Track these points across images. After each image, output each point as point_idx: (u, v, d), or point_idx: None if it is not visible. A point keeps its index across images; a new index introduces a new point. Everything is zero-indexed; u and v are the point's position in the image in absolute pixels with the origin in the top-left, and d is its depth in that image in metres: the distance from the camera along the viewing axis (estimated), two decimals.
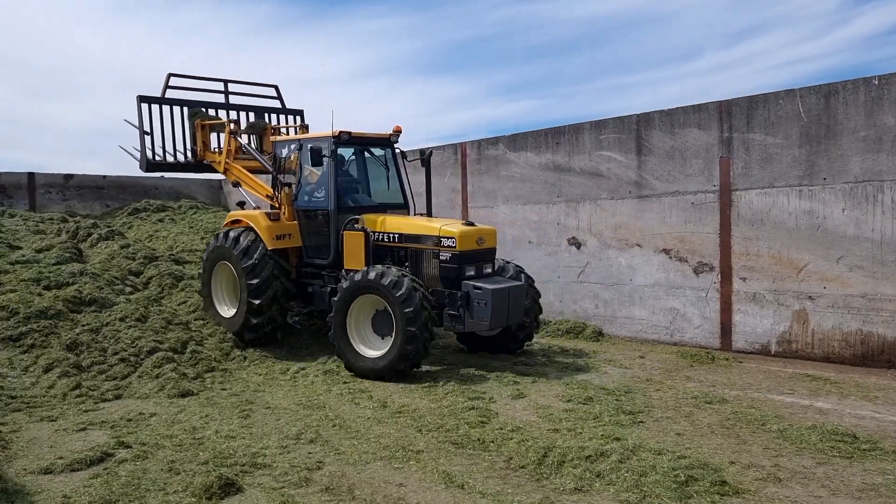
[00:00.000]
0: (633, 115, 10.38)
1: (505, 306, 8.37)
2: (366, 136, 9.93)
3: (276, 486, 4.70)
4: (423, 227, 8.95)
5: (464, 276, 8.54)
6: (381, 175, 10.46)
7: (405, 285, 7.98)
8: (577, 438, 5.59)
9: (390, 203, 10.21)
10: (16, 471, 4.97)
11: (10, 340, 8.34)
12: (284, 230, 9.83)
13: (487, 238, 8.92)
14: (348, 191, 10.09)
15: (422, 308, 7.93)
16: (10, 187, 17.15)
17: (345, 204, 9.68)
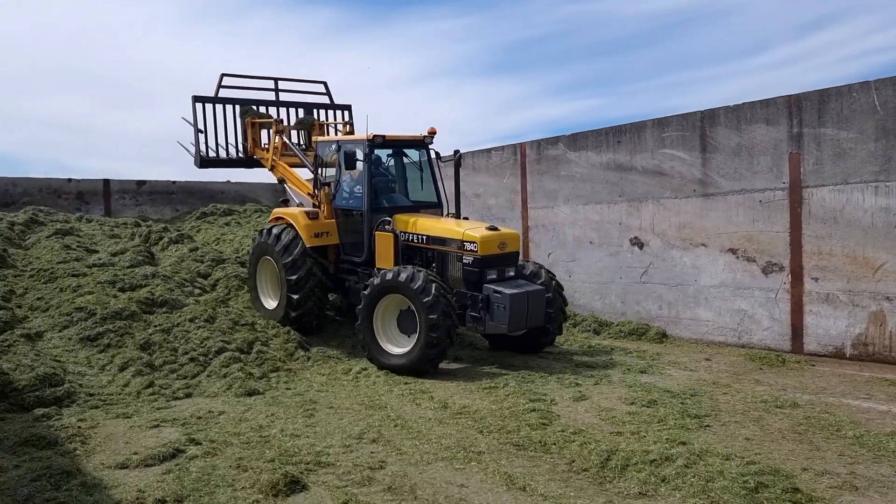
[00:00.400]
0: (698, 111, 10.13)
1: (524, 310, 8.56)
2: (400, 138, 10.25)
3: (339, 485, 4.77)
4: (448, 231, 9.24)
5: (485, 279, 8.78)
6: (415, 176, 10.80)
7: (432, 291, 8.24)
8: (641, 442, 5.49)
9: (424, 203, 10.57)
10: (94, 465, 5.19)
11: (88, 340, 8.72)
12: (322, 228, 10.28)
13: (510, 242, 9.12)
14: (382, 191, 10.39)
15: (445, 315, 8.22)
16: (87, 194, 17.95)
17: (378, 204, 10.04)
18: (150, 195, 18.58)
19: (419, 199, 10.65)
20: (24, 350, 8.15)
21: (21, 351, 8.11)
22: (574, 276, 12.07)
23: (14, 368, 7.36)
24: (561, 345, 10.15)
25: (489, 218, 13.84)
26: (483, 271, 8.81)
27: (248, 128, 13.19)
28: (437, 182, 10.61)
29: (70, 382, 7.36)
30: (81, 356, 8.38)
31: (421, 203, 10.56)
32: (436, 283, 8.38)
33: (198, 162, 13.23)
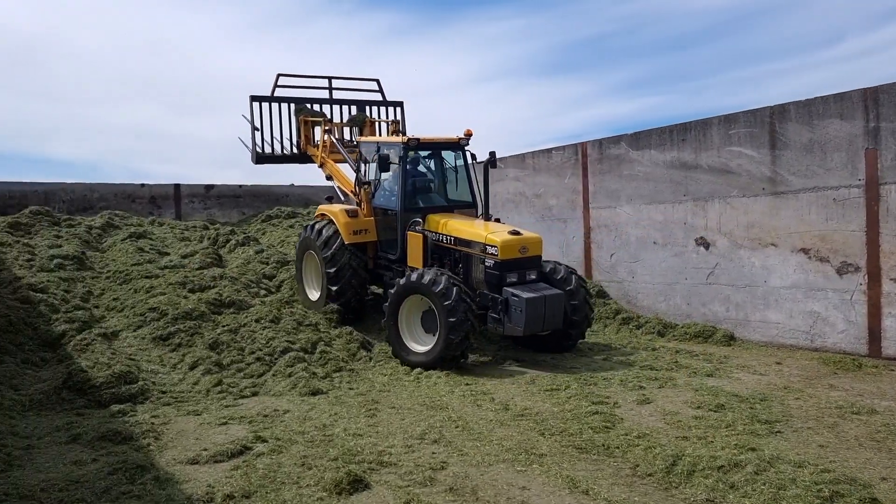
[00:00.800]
0: (767, 107, 9.81)
1: (541, 314, 8.75)
2: (435, 140, 10.65)
3: (401, 485, 4.80)
4: (472, 233, 9.53)
5: (505, 282, 9.03)
6: (451, 177, 11.19)
7: (453, 295, 8.55)
8: (709, 447, 5.35)
9: (460, 203, 10.92)
10: (166, 460, 5.37)
11: (161, 339, 9.04)
12: (361, 226, 10.76)
13: (531, 246, 9.36)
14: (417, 192, 10.73)
15: (465, 319, 8.51)
16: (159, 198, 18.63)
17: (413, 205, 10.45)
18: (218, 199, 19.18)
19: (454, 200, 10.98)
20: (101, 349, 8.51)
21: (98, 349, 8.48)
22: (637, 277, 11.86)
23: (92, 366, 7.69)
24: (624, 346, 9.98)
25: (550, 219, 13.75)
26: (503, 274, 9.06)
27: (301, 125, 13.76)
28: (472, 183, 10.97)
29: (144, 380, 7.65)
30: (154, 355, 8.70)
31: (456, 203, 10.90)
32: (457, 287, 8.68)
33: (254, 158, 13.82)
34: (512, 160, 15.03)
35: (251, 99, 13.66)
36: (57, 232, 13.74)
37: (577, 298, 9.45)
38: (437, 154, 11.12)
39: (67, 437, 5.91)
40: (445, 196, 11.10)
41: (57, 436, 5.99)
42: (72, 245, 12.73)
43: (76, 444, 5.75)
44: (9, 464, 5.21)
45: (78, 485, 4.77)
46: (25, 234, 13.40)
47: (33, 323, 9.06)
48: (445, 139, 10.71)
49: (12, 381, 7.41)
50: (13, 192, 16.62)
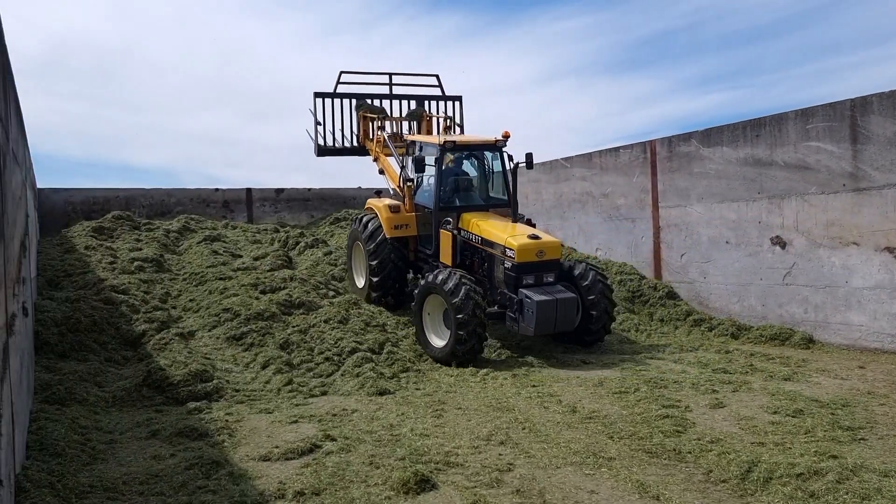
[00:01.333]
0: (847, 100, 9.38)
1: (552, 316, 9.09)
2: (472, 142, 11.09)
3: (468, 486, 4.80)
4: (496, 235, 9.84)
5: (521, 283, 9.39)
6: (488, 177, 11.55)
7: (461, 293, 8.98)
8: (787, 454, 5.14)
9: (496, 202, 11.25)
10: (240, 457, 5.52)
11: (234, 339, 9.32)
12: (402, 221, 11.32)
13: (549, 251, 9.65)
14: (453, 191, 11.12)
15: (473, 315, 8.86)
16: (232, 202, 19.20)
17: (448, 204, 10.87)
18: (288, 202, 19.64)
19: (491, 199, 11.32)
20: (178, 348, 8.83)
21: (176, 349, 8.80)
22: (709, 278, 11.53)
23: (170, 365, 7.99)
24: (696, 349, 9.72)
25: (618, 219, 13.53)
26: (520, 276, 9.43)
27: (360, 120, 14.30)
28: (508, 182, 11.12)
29: (218, 378, 7.89)
30: (228, 354, 8.97)
31: (493, 203, 11.23)
32: (467, 286, 9.06)
33: (316, 150, 14.41)
34: (578, 159, 14.84)
35: (315, 95, 14.29)
36: (137, 236, 14.35)
37: (596, 298, 9.71)
38: (474, 155, 11.46)
39: (147, 433, 6.15)
40: (482, 196, 11.40)
41: (137, 431, 6.24)
42: (151, 248, 13.26)
43: (155, 440, 5.98)
44: (93, 457, 5.46)
45: (157, 479, 4.95)
46: (108, 238, 14.04)
47: (116, 323, 9.48)
48: (482, 140, 11.04)
49: (96, 379, 7.77)
50: (97, 198, 17.43)
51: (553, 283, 9.65)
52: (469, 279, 9.31)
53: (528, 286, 9.38)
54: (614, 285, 12.31)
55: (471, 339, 8.89)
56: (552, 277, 9.68)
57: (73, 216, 16.73)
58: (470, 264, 10.44)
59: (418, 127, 14.30)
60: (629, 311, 11.81)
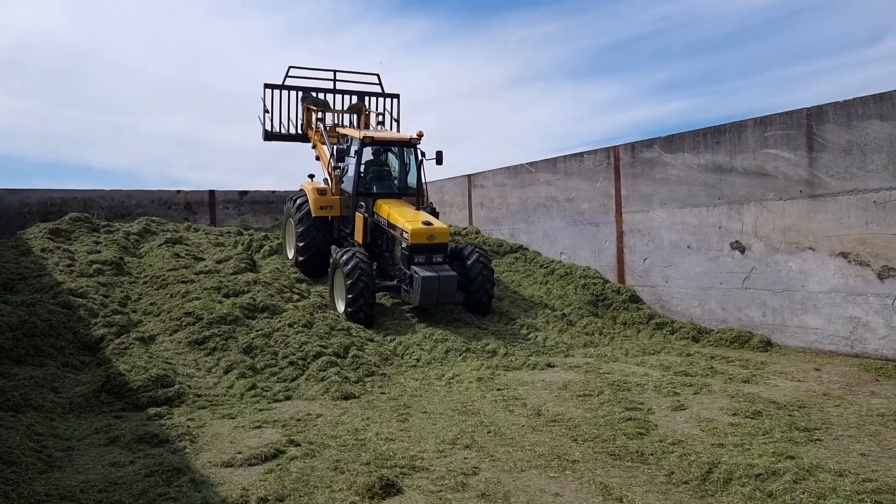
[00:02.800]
0: (804, 108, 9.64)
1: (435, 289, 10.85)
2: (389, 138, 12.95)
3: (433, 490, 4.79)
4: (397, 219, 11.56)
5: (413, 261, 11.16)
6: (403, 169, 13.23)
7: (350, 263, 10.88)
8: (746, 455, 5.25)
9: (408, 191, 13.04)
10: (202, 463, 5.44)
11: (196, 343, 9.17)
12: (328, 203, 13.20)
13: (438, 235, 11.36)
14: (371, 180, 12.97)
15: (358, 281, 10.71)
16: (195, 204, 18.93)
17: (366, 191, 12.74)
18: (252, 205, 19.45)
19: (403, 189, 13.08)
20: (138, 352, 8.67)
21: (136, 353, 8.64)
22: (671, 282, 11.72)
23: (130, 370, 7.83)
24: (658, 352, 9.87)
25: (581, 223, 13.66)
26: (412, 255, 11.19)
27: (304, 111, 15.92)
28: (419, 176, 13.03)
29: (180, 383, 7.76)
30: (190, 359, 8.83)
31: (405, 192, 13.01)
32: (357, 259, 10.94)
33: (264, 136, 15.98)
34: (544, 164, 14.97)
35: (265, 86, 15.76)
36: (96, 238, 14.04)
37: (476, 277, 11.60)
38: (391, 149, 13.27)
39: (106, 440, 6.02)
40: (396, 185, 13.18)
41: (96, 438, 6.11)
42: (110, 251, 12.99)
43: (114, 447, 5.86)
44: (50, 465, 5.32)
45: (116, 486, 4.85)
46: (66, 241, 13.71)
47: (73, 327, 9.26)
48: (399, 137, 13.01)
49: (53, 384, 7.59)
50: (54, 200, 17.02)
51: (441, 263, 11.34)
52: (363, 256, 11.17)
53: (419, 264, 11.14)
54: (578, 290, 12.51)
55: (357, 303, 10.67)
56: (441, 258, 11.41)
57: (29, 218, 16.32)
58: (379, 243, 12.27)
59: (358, 120, 15.92)
60: (593, 314, 11.94)
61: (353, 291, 10.65)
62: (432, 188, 19.55)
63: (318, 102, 15.81)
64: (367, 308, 10.77)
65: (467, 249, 11.90)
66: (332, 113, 15.82)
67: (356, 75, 16.40)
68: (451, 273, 11.08)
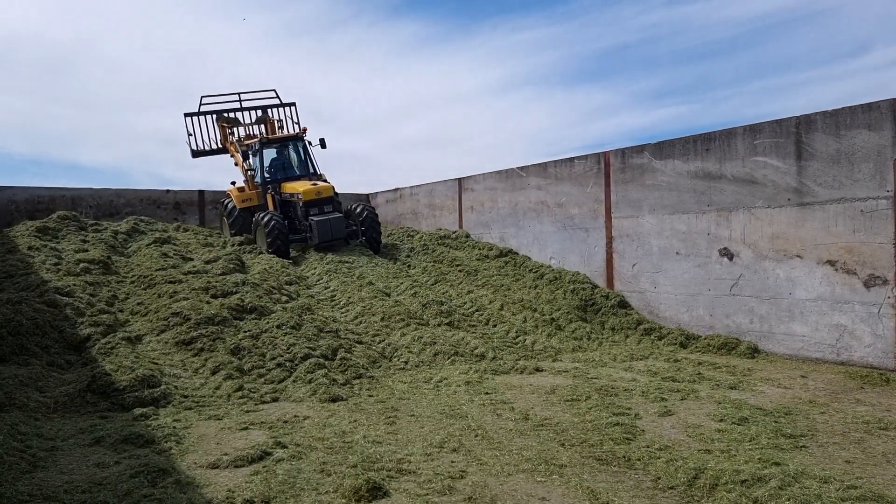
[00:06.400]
0: (793, 117, 9.71)
1: (328, 229, 15.26)
2: (282, 137, 17.24)
3: (420, 493, 4.79)
4: (294, 189, 15.97)
5: (309, 214, 15.56)
6: (298, 157, 17.44)
7: (268, 218, 15.04)
8: (732, 461, 5.27)
9: (306, 174, 17.07)
10: (187, 464, 5.40)
11: (184, 344, 9.12)
12: (247, 196, 17.11)
13: (324, 191, 15.71)
14: (275, 170, 17.12)
15: (276, 231, 14.82)
16: (184, 204, 18.85)
17: (272, 178, 16.91)
18: None
19: (302, 172, 17.16)
20: (125, 352, 8.60)
21: (122, 353, 8.57)
22: (660, 288, 11.77)
23: (116, 369, 7.78)
24: (646, 357, 9.90)
25: (571, 227, 13.70)
26: (308, 210, 15.59)
27: (220, 129, 18.99)
28: (311, 160, 17.32)
29: (166, 384, 7.72)
30: (177, 359, 8.77)
31: (303, 175, 17.02)
32: (272, 216, 15.04)
33: (192, 154, 18.78)
34: (534, 169, 15.00)
35: (184, 115, 18.73)
36: (83, 237, 13.94)
37: (365, 221, 16.18)
38: (286, 144, 17.29)
39: (91, 440, 5.97)
40: (297, 170, 17.22)
41: (81, 438, 6.06)
42: (98, 249, 12.90)
43: (99, 447, 5.82)
44: (33, 465, 5.27)
45: (100, 487, 4.81)
46: (53, 239, 13.60)
47: (59, 326, 9.19)
48: (290, 135, 17.32)
49: (38, 384, 7.52)
50: (41, 197, 16.88)
51: (332, 212, 15.64)
52: (276, 213, 15.32)
53: (314, 215, 15.43)
54: (567, 294, 12.59)
55: (274, 242, 14.73)
56: (330, 208, 15.73)
57: (15, 215, 16.18)
58: (287, 213, 16.33)
59: (266, 129, 19.05)
60: (581, 319, 11.96)
61: (272, 236, 14.70)
62: (422, 191, 19.75)
63: (230, 120, 19.00)
64: (282, 244, 14.80)
65: (358, 206, 16.56)
66: (243, 126, 19.14)
67: (257, 93, 19.49)
68: (338, 215, 15.45)
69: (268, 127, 19.00)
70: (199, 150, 18.87)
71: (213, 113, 18.96)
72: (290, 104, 19.62)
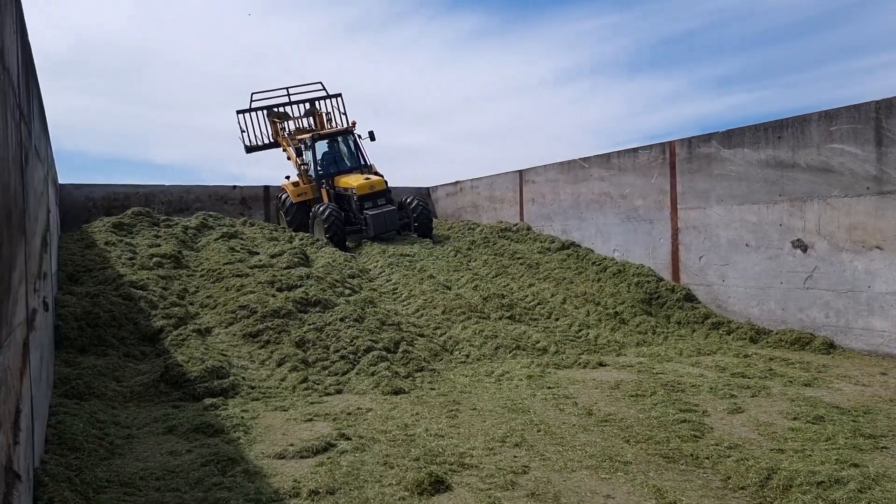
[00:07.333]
0: (871, 102, 9.24)
1: (382, 221, 15.92)
2: (331, 132, 18.08)
3: (482, 488, 4.77)
4: (348, 184, 16.65)
5: (364, 207, 16.21)
6: (349, 150, 18.08)
7: (326, 212, 15.67)
8: (807, 461, 5.07)
9: (357, 167, 17.79)
10: (255, 454, 5.53)
11: (250, 336, 9.34)
12: (301, 191, 17.73)
13: (377, 185, 16.43)
14: (328, 164, 17.79)
15: (333, 223, 15.53)
16: (250, 199, 19.32)
17: (324, 173, 17.59)
18: None
19: (353, 165, 17.88)
20: (195, 344, 8.88)
21: (193, 345, 8.85)
22: (728, 281, 11.41)
23: (187, 361, 8.03)
24: (713, 353, 9.63)
25: (635, 219, 13.43)
26: (362, 203, 16.27)
27: (271, 124, 19.56)
28: (361, 153, 17.99)
29: (234, 375, 7.92)
30: (244, 351, 8.99)
31: (355, 167, 17.78)
32: (330, 209, 15.71)
33: (245, 150, 19.51)
34: (597, 160, 14.77)
35: (237, 112, 19.19)
36: (156, 232, 14.44)
37: (416, 211, 16.80)
38: (336, 139, 17.98)
39: (164, 429, 6.18)
40: (348, 164, 17.89)
41: (154, 426, 6.28)
42: (169, 244, 13.34)
43: (172, 435, 6.01)
44: (111, 452, 5.49)
45: (173, 475, 4.97)
46: (128, 234, 14.15)
47: (134, 318, 9.55)
48: (340, 130, 18.10)
49: (115, 373, 7.83)
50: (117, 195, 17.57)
51: (384, 204, 16.27)
52: (333, 206, 15.92)
53: (368, 208, 16.09)
54: (631, 287, 12.34)
55: (332, 231, 15.43)
56: (383, 201, 16.36)
57: (93, 212, 16.89)
58: (342, 206, 16.80)
59: (314, 121, 19.58)
60: (646, 313, 11.72)
61: (329, 231, 15.40)
62: (482, 184, 19.72)
63: (280, 115, 19.48)
64: (339, 234, 15.53)
65: (409, 198, 17.18)
66: (292, 120, 19.62)
67: (305, 87, 19.89)
68: (391, 208, 16.12)
69: (316, 119, 19.52)
70: (252, 146, 19.47)
71: (264, 108, 19.47)
72: (337, 95, 19.97)
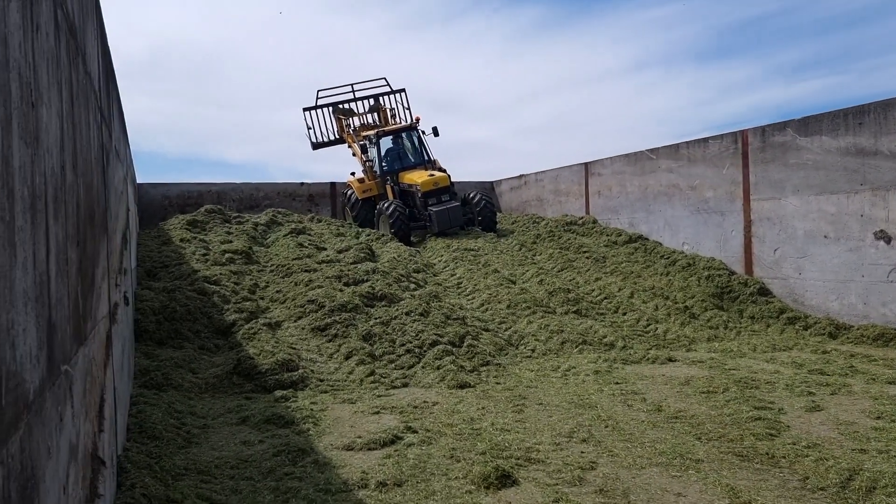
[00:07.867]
0: None
1: (446, 218, 15.87)
2: (395, 128, 18.01)
3: (549, 483, 4.74)
4: (412, 180, 16.69)
5: (428, 204, 16.17)
6: (413, 147, 18.11)
7: (391, 209, 15.98)
8: (892, 462, 4.83)
9: (421, 162, 17.76)
10: (324, 445, 5.65)
11: (319, 330, 9.53)
12: (367, 187, 17.89)
13: (441, 181, 16.40)
14: (392, 160, 17.88)
15: (398, 219, 15.83)
16: (317, 196, 19.70)
17: (389, 169, 17.69)
18: None
19: (417, 161, 17.82)
20: (266, 337, 9.12)
21: (264, 338, 9.09)
22: (805, 274, 10.98)
23: (258, 353, 8.25)
24: (790, 348, 9.29)
25: (705, 211, 13.08)
26: (426, 200, 16.24)
27: (336, 121, 19.78)
28: (425, 148, 18.02)
29: (304, 368, 8.10)
30: (313, 344, 9.19)
31: (418, 163, 17.71)
32: (395, 206, 16.05)
33: (312, 147, 19.80)
34: (665, 151, 14.43)
35: (303, 109, 19.61)
36: (228, 228, 14.89)
37: (479, 205, 16.67)
38: (400, 135, 18.01)
39: (237, 419, 6.38)
40: (412, 160, 17.88)
41: (228, 417, 6.48)
42: (240, 241, 13.73)
43: (245, 426, 6.20)
44: (188, 441, 5.70)
45: (246, 464, 5.13)
46: (201, 231, 14.63)
47: (208, 312, 9.87)
48: (404, 126, 18.06)
49: (191, 365, 8.12)
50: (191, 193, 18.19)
51: (448, 201, 16.21)
52: (398, 203, 16.25)
53: (433, 205, 16.05)
54: (702, 281, 12.07)
55: (400, 231, 15.67)
56: (447, 197, 16.29)
57: (169, 210, 17.54)
58: (407, 201, 16.87)
59: (378, 117, 19.78)
60: (717, 307, 11.39)
61: (395, 227, 15.67)
62: (547, 177, 19.57)
63: (345, 111, 19.74)
64: (404, 230, 15.77)
65: (473, 193, 17.08)
66: (357, 116, 19.83)
67: (369, 83, 20.10)
68: (455, 204, 16.12)
69: (380, 115, 19.71)
70: (318, 143, 19.77)
71: (329, 105, 19.81)
72: (401, 91, 20.09)
